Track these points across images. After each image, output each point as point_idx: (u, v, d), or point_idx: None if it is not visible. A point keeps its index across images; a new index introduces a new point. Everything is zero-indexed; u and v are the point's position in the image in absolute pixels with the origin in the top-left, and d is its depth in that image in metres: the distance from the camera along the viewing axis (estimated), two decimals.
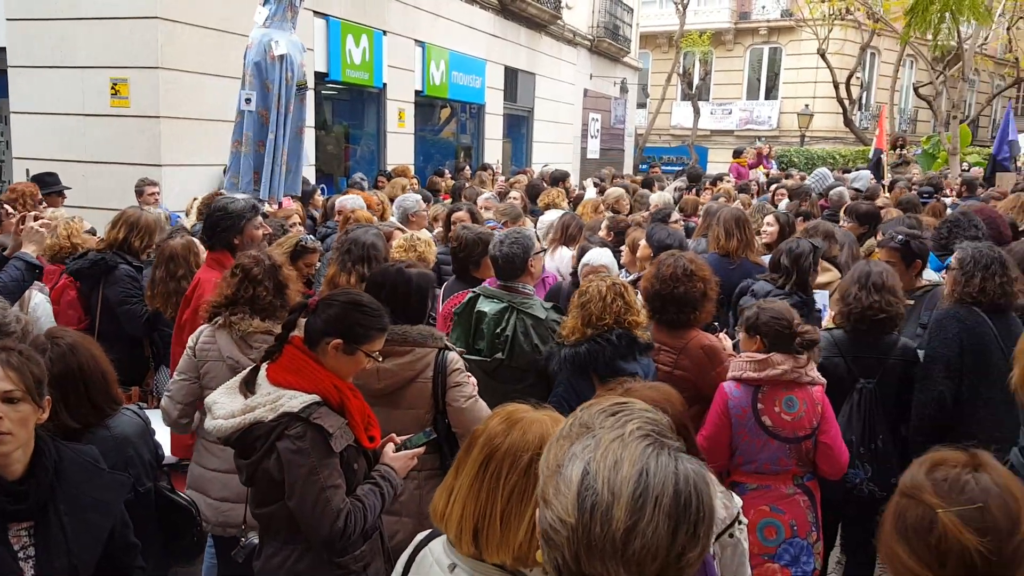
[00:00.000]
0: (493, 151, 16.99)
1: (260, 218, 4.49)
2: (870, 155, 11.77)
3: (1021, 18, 25.74)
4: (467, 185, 9.95)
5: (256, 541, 2.85)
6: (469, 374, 3.40)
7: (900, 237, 4.67)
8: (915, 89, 25.92)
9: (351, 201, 6.76)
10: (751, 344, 3.57)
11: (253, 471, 2.55)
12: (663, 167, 21.75)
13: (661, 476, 1.12)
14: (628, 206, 8.21)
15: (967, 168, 17.77)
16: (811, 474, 3.58)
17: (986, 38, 26.21)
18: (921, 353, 3.98)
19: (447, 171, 13.15)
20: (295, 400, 2.50)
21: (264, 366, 2.64)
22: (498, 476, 1.76)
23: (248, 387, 2.60)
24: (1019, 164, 14.72)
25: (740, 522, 2.37)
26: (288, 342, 2.65)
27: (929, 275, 4.79)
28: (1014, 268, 3.98)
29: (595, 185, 11.60)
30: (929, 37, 11.31)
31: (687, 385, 3.69)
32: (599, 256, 4.76)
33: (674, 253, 4.09)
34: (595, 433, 1.18)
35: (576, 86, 21.02)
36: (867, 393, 3.88)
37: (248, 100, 6.94)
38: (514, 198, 7.96)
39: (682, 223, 7.28)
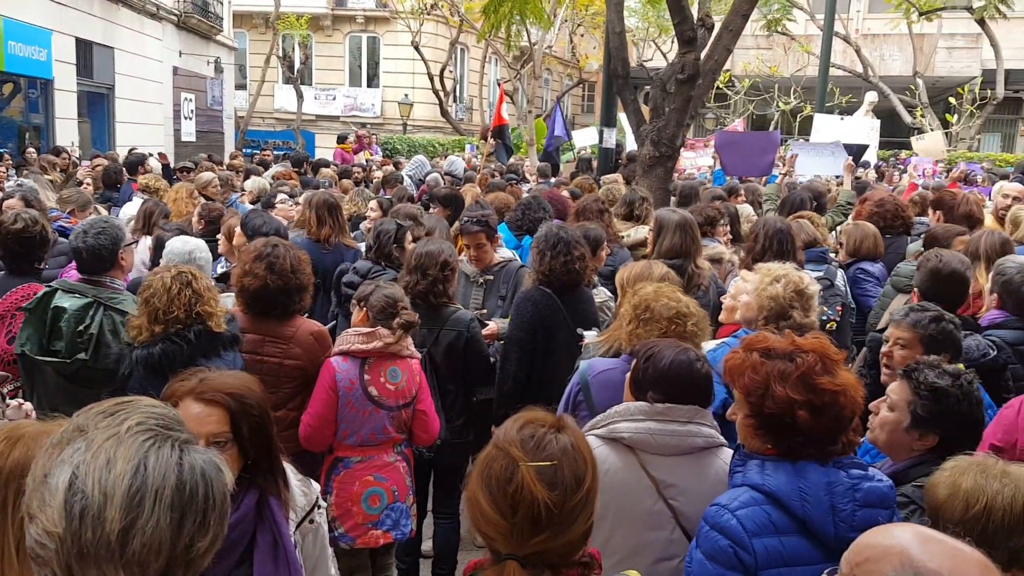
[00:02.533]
0: (67, 132, 15.08)
1: None
2: (489, 137, 12.67)
3: (579, 24, 29.63)
4: (26, 171, 8.65)
5: None
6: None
7: (474, 227, 5.01)
8: (499, 85, 28.46)
9: None
10: (360, 317, 3.68)
11: None
12: (273, 151, 21.13)
13: (162, 469, 1.09)
14: (218, 192, 7.79)
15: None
16: (407, 442, 3.82)
17: (552, 41, 29.71)
18: (469, 317, 4.28)
19: (7, 154, 11.33)
20: None
21: None
22: (4, 506, 1.55)
23: None
24: (576, 154, 17.02)
25: (319, 507, 2.40)
26: None
27: (503, 252, 5.27)
28: (580, 247, 4.32)
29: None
30: (503, 36, 12.45)
31: (298, 373, 3.73)
32: (183, 247, 4.30)
33: (270, 241, 3.95)
34: (89, 435, 1.11)
35: (164, 63, 19.51)
36: (423, 360, 4.09)
37: None
38: (86, 184, 7.11)
39: (293, 207, 7.12)
